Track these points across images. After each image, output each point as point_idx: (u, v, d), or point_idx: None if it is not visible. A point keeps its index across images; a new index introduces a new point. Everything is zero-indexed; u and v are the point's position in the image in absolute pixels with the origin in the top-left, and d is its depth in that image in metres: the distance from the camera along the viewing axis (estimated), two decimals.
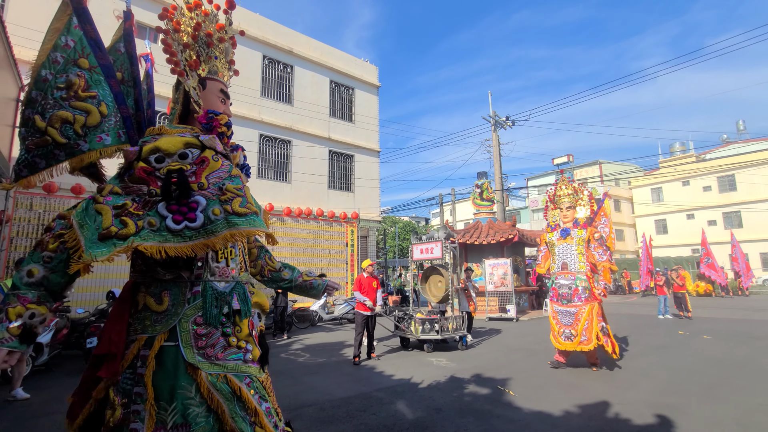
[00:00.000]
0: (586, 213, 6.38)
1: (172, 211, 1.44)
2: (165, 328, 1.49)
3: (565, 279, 5.98)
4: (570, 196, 6.40)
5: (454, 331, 7.84)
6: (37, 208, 8.61)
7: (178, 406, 1.42)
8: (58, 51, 1.64)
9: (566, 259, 6.06)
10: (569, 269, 6.00)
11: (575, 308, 5.75)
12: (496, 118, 18.93)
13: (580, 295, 5.78)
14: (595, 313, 5.67)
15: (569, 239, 6.10)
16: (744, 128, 38.93)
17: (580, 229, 6.07)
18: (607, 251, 5.83)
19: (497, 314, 12.59)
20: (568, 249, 6.08)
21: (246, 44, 13.27)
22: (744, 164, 29.96)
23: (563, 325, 5.85)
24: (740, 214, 30.17)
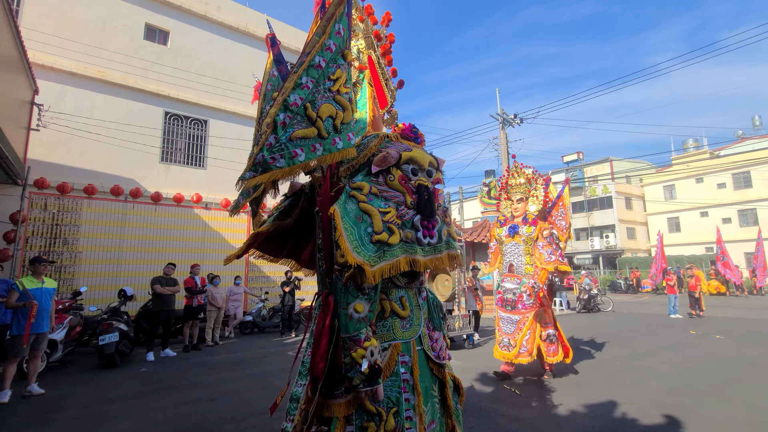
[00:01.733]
0: (539, 206, 5.54)
1: (423, 227, 1.57)
2: (414, 335, 1.61)
3: (511, 282, 5.30)
4: (522, 187, 5.58)
5: (461, 330, 7.83)
6: (51, 208, 8.81)
7: (431, 406, 1.59)
8: (331, 38, 1.53)
9: (513, 260, 5.37)
10: (516, 271, 5.32)
11: (518, 316, 5.14)
12: (504, 115, 18.79)
13: (524, 301, 5.14)
14: (539, 322, 5.16)
15: (517, 237, 5.38)
16: (760, 124, 38.03)
17: (528, 226, 5.36)
18: (558, 251, 5.16)
19: None
20: (516, 248, 5.38)
21: (253, 45, 13.37)
22: (760, 160, 29.28)
23: (504, 334, 5.24)
24: (756, 211, 29.48)
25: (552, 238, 5.20)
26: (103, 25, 10.54)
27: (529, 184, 5.59)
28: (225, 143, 12.12)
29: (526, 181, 5.56)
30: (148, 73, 11.04)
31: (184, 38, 11.91)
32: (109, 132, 10.05)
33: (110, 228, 9.42)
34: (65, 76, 9.80)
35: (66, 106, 9.66)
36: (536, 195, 5.56)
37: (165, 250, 9.85)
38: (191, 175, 11.48)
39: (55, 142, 9.40)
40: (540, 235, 5.23)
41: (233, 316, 9.57)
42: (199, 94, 11.85)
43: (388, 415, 1.42)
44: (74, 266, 8.87)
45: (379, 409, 1.42)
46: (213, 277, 8.66)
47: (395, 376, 1.49)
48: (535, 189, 5.59)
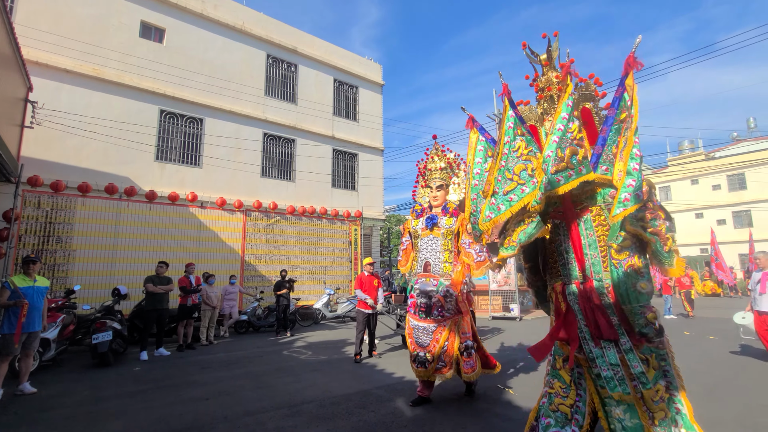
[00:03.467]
0: (461, 196, 4.72)
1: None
2: (649, 301, 2.42)
3: (426, 284, 4.41)
4: (442, 172, 4.71)
5: None
6: (44, 206, 8.75)
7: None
8: (565, 110, 2.58)
9: (430, 257, 4.49)
10: (432, 271, 4.44)
11: (434, 325, 4.26)
12: (501, 116, 18.83)
13: (441, 307, 4.29)
14: (458, 331, 4.33)
15: (435, 230, 4.51)
16: (755, 126, 38.29)
17: (449, 217, 4.49)
18: (483, 248, 4.19)
19: (500, 313, 12.56)
20: (433, 244, 4.50)
21: (250, 43, 13.34)
22: (755, 162, 29.49)
23: (417, 347, 4.32)
24: (750, 213, 29.70)
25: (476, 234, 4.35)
26: (98, 23, 10.48)
27: (450, 169, 4.80)
28: (221, 142, 12.08)
29: (446, 166, 4.73)
30: (144, 72, 10.99)
31: (180, 36, 11.86)
32: (104, 130, 10.00)
33: (104, 226, 9.37)
34: (60, 73, 9.74)
35: (61, 104, 9.61)
36: (458, 183, 4.89)
37: (160, 249, 9.80)
38: (186, 173, 11.44)
39: (50, 140, 9.34)
40: (463, 230, 4.35)
41: (228, 316, 9.55)
42: (195, 92, 11.81)
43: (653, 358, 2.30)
44: (68, 265, 8.81)
45: (649, 356, 2.32)
46: (208, 276, 8.64)
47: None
48: (456, 176, 4.87)
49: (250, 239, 11.63)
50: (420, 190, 5.12)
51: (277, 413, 4.13)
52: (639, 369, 2.28)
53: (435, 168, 4.73)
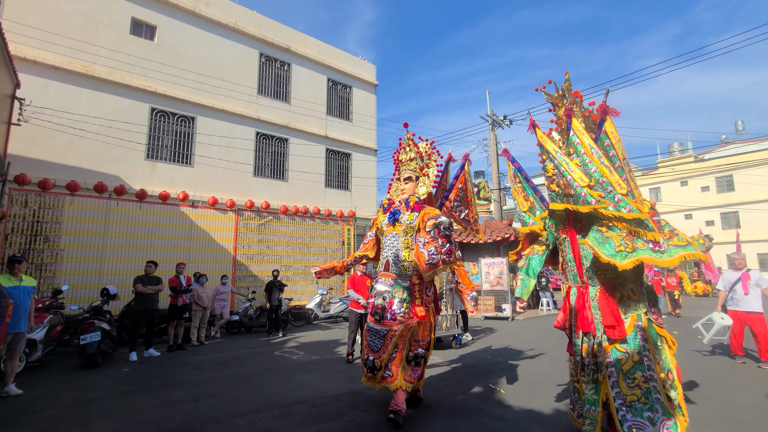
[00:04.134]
0: (429, 189, 4.34)
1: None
2: (643, 310, 2.94)
3: (384, 284, 4.06)
4: (412, 163, 4.36)
5: (448, 330, 7.86)
6: (32, 205, 8.61)
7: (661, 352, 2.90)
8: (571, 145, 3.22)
9: (390, 255, 4.12)
10: (391, 270, 4.08)
11: (386, 329, 3.87)
12: (494, 117, 18.94)
13: (394, 310, 3.89)
14: (411, 338, 3.94)
15: (397, 226, 4.15)
16: (743, 128, 38.93)
17: (410, 212, 4.11)
18: (445, 246, 3.73)
19: (493, 313, 12.62)
20: (395, 241, 4.13)
21: (243, 42, 13.25)
22: (742, 164, 29.99)
23: (369, 350, 3.94)
24: (738, 214, 30.20)
25: (439, 231, 3.76)
26: (88, 19, 10.34)
27: (421, 160, 4.40)
28: (213, 141, 11.98)
29: (416, 157, 4.37)
30: (135, 69, 10.87)
31: (171, 34, 11.75)
32: (93, 128, 9.86)
33: (93, 226, 9.24)
34: (48, 70, 9.60)
35: (49, 101, 9.46)
36: (428, 174, 4.41)
37: (150, 249, 9.69)
38: (178, 172, 11.33)
39: (37, 138, 9.20)
40: (421, 226, 3.95)
41: (219, 316, 9.47)
42: (187, 90, 11.70)
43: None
44: (55, 264, 8.68)
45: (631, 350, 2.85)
46: (199, 276, 8.56)
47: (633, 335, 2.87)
48: (428, 167, 4.43)
49: (242, 239, 11.55)
50: (395, 183, 4.68)
51: (268, 414, 4.10)
52: (614, 358, 2.84)
53: (406, 159, 4.41)
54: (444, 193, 4.55)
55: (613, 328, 2.83)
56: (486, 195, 15.36)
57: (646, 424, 2.65)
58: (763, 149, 30.33)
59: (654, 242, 2.70)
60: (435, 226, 3.79)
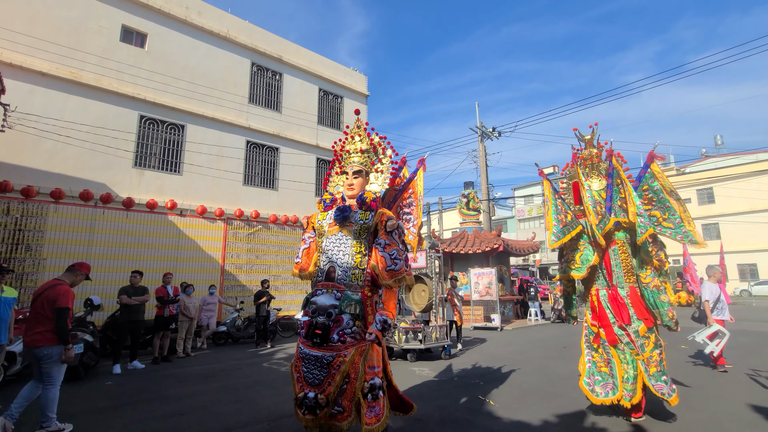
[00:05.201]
0: (384, 185, 3.75)
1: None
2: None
3: (327, 297, 3.24)
4: (363, 156, 3.74)
5: (437, 341, 7.86)
6: (14, 212, 8.41)
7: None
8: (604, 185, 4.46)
9: (336, 261, 3.37)
10: (337, 279, 3.31)
11: (332, 354, 3.06)
12: (483, 128, 19.24)
13: (344, 329, 3.12)
14: (364, 364, 3.12)
15: (346, 227, 3.47)
16: (722, 143, 40.23)
17: (365, 210, 3.48)
18: (404, 253, 3.39)
19: (482, 323, 12.67)
20: (342, 244, 3.41)
21: (234, 51, 13.28)
22: (722, 178, 30.94)
23: (306, 385, 3.09)
24: (718, 226, 31.03)
25: (398, 233, 3.39)
26: (77, 26, 10.26)
27: (374, 153, 3.86)
28: (203, 149, 11.91)
29: (369, 149, 3.79)
30: (124, 76, 10.79)
31: (162, 42, 11.72)
32: (80, 135, 9.73)
33: (78, 234, 9.06)
34: (35, 76, 9.47)
35: (35, 107, 9.32)
36: (382, 171, 3.81)
37: (136, 258, 9.52)
38: (166, 180, 11.20)
39: (21, 144, 9.03)
40: (381, 228, 3.39)
41: (206, 327, 9.32)
42: (177, 98, 11.65)
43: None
44: (37, 274, 8.46)
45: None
46: (186, 286, 8.43)
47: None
48: (381, 162, 3.84)
49: (231, 248, 11.44)
50: (334, 177, 4.05)
51: (256, 428, 4.04)
52: (640, 343, 3.93)
53: (354, 150, 3.75)
54: (394, 195, 3.97)
55: (646, 320, 3.96)
56: (475, 205, 15.52)
57: (663, 384, 3.86)
58: (742, 163, 31.36)
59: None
60: (395, 227, 3.35)
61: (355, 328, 3.16)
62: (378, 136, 3.91)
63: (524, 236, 39.63)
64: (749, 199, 28.96)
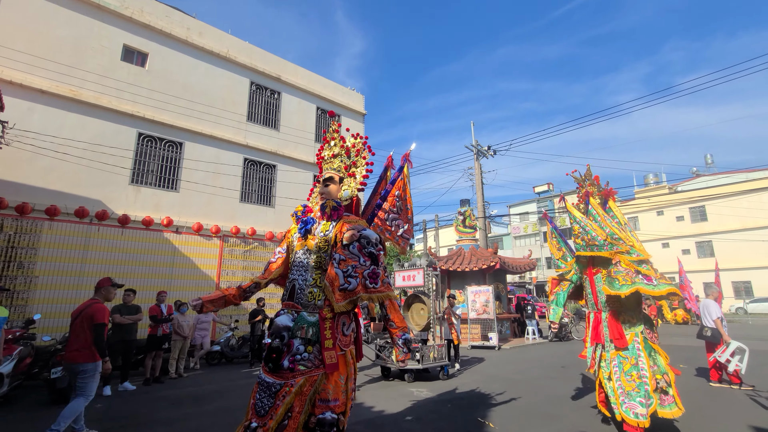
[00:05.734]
0: (354, 192, 3.33)
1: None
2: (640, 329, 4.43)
3: (285, 317, 2.88)
4: (336, 160, 3.40)
5: (435, 361, 7.76)
6: (7, 229, 8.33)
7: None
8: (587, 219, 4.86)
9: (297, 278, 3.05)
10: (296, 298, 2.98)
11: (280, 382, 2.68)
12: (479, 147, 19.48)
13: (294, 356, 2.73)
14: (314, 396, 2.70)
15: (309, 240, 3.12)
16: (712, 162, 41.02)
17: (326, 221, 3.13)
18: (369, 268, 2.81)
19: (479, 342, 12.54)
20: (305, 259, 3.07)
21: (234, 70, 13.48)
22: (713, 196, 31.40)
23: (253, 414, 2.70)
24: (712, 243, 31.29)
25: (361, 246, 2.86)
26: (78, 45, 10.40)
27: (348, 157, 3.38)
28: (200, 166, 11.94)
29: (343, 152, 3.38)
30: (124, 94, 10.88)
31: (163, 61, 11.88)
32: (77, 152, 9.74)
33: (71, 252, 8.96)
34: (35, 93, 9.53)
35: (33, 124, 9.34)
36: (355, 174, 3.36)
37: (130, 276, 9.40)
38: (163, 197, 11.18)
39: (18, 161, 9.01)
40: (338, 240, 2.96)
41: (200, 346, 9.14)
42: (176, 116, 11.74)
43: None
44: (28, 292, 8.32)
45: None
46: (180, 305, 8.31)
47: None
48: (355, 166, 3.39)
49: (227, 266, 11.34)
50: (317, 187, 3.50)
51: None
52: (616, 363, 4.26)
53: (328, 155, 3.45)
54: (378, 201, 3.55)
55: (617, 340, 4.26)
56: (471, 223, 15.58)
57: (637, 405, 3.94)
58: (733, 182, 31.88)
59: (647, 278, 4.07)
60: (355, 239, 2.86)
61: (306, 354, 2.74)
62: (353, 137, 3.49)
63: (520, 253, 39.65)
64: (741, 217, 29.33)
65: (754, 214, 28.89)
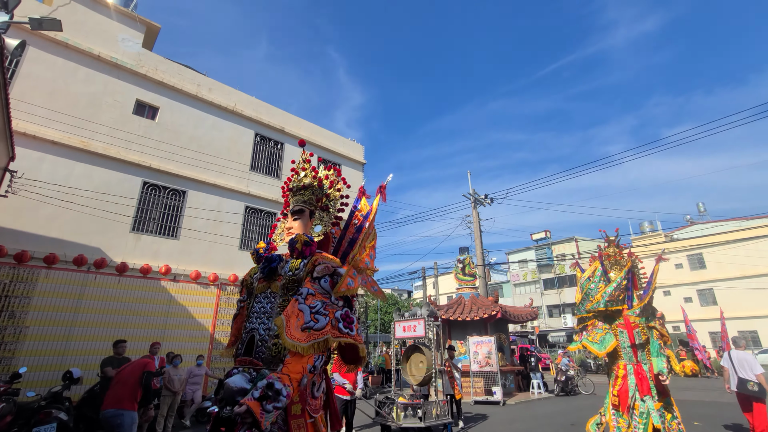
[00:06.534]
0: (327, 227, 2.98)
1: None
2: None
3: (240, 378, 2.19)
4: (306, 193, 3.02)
5: (438, 418, 7.39)
6: (3, 278, 8.24)
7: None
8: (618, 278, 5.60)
9: (257, 328, 2.47)
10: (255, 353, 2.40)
11: None
12: (476, 195, 19.87)
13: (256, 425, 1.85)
14: None
15: (274, 282, 2.60)
16: (704, 210, 41.68)
17: (296, 258, 2.61)
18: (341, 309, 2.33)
19: (483, 397, 11.99)
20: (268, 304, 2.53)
21: (240, 123, 14.07)
22: (710, 244, 31.58)
23: None
24: (713, 291, 30.99)
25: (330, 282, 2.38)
26: (93, 100, 10.92)
27: (320, 189, 3.05)
28: (201, 214, 12.07)
29: (315, 183, 3.02)
30: (132, 145, 11.26)
31: (173, 114, 12.43)
32: (82, 200, 9.88)
33: (65, 301, 8.80)
34: (46, 144, 9.85)
35: (41, 173, 9.56)
36: (328, 208, 3.09)
37: (123, 326, 9.17)
38: (162, 245, 11.18)
39: (21, 209, 9.11)
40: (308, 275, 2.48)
41: (191, 401, 8.71)
42: (181, 166, 12.06)
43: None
44: (16, 343, 8.06)
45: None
46: (173, 357, 8.03)
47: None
48: (328, 198, 3.10)
49: (223, 315, 11.10)
50: (281, 223, 3.12)
51: None
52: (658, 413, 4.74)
53: (297, 187, 3.03)
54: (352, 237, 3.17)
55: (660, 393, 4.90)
56: (471, 271, 15.50)
57: None
58: (727, 230, 32.22)
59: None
60: (329, 272, 2.41)
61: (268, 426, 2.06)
62: (325, 168, 3.17)
63: (520, 301, 38.99)
64: (740, 264, 29.31)
65: (753, 262, 28.91)
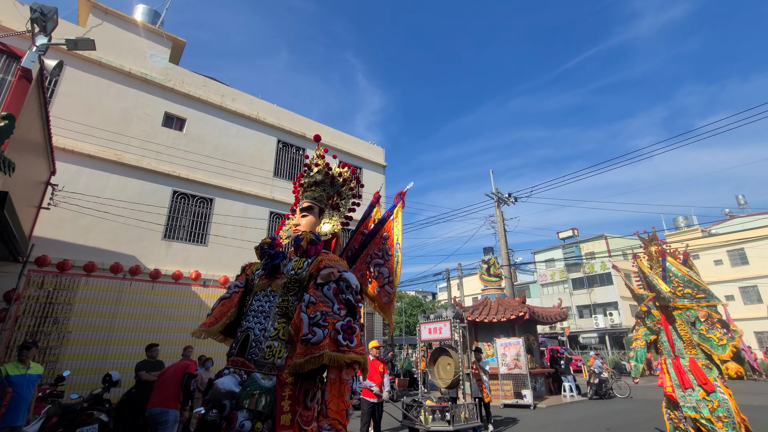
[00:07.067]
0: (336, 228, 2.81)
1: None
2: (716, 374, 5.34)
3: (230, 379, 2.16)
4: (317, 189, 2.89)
5: (466, 422, 7.27)
6: (47, 286, 8.71)
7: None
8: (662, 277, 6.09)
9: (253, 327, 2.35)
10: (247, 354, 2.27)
11: None
12: (499, 194, 19.54)
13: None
14: None
15: (276, 281, 2.45)
16: (745, 202, 39.43)
17: (299, 257, 2.46)
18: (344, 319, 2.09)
19: (512, 400, 11.74)
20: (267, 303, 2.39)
21: (262, 130, 14.39)
22: (752, 238, 29.81)
23: None
24: (758, 288, 29.24)
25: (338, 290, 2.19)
26: (125, 114, 11.44)
27: (332, 186, 2.92)
28: (228, 220, 12.40)
29: (325, 180, 2.88)
30: (162, 156, 11.70)
31: (199, 124, 12.85)
32: (116, 210, 10.34)
33: (104, 306, 9.22)
34: (83, 158, 10.37)
35: (79, 186, 10.07)
36: (339, 206, 2.96)
37: (157, 330, 9.53)
38: (192, 251, 11.55)
39: (62, 220, 9.62)
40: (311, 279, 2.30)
41: None
42: (208, 174, 12.44)
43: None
44: (60, 348, 8.50)
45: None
46: (205, 360, 8.26)
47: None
48: (340, 197, 2.96)
49: None
50: (289, 220, 2.97)
51: None
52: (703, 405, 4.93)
53: (308, 183, 2.87)
54: (362, 239, 3.03)
55: (705, 384, 5.04)
56: (496, 271, 15.24)
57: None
58: None
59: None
60: (333, 278, 2.21)
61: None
62: (339, 166, 2.99)
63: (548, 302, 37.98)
64: None
65: None
